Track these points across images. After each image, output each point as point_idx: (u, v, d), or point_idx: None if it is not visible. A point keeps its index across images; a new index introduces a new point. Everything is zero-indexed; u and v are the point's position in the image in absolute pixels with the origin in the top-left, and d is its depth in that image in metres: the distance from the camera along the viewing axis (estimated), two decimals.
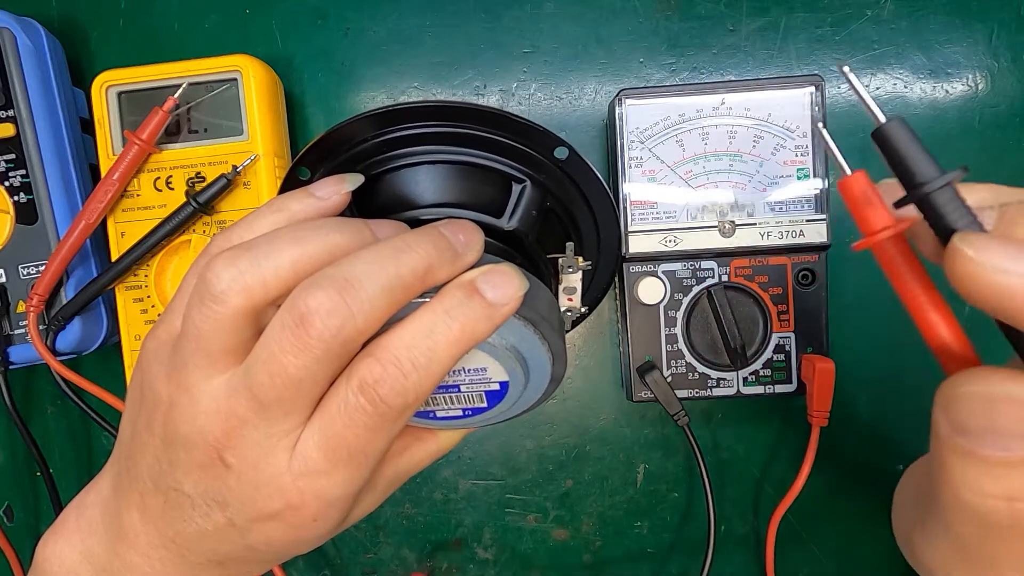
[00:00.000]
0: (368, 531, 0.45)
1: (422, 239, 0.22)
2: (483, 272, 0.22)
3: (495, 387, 0.25)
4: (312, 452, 0.21)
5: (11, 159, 0.39)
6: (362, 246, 0.22)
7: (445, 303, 0.21)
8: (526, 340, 0.24)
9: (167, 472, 0.23)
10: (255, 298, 0.21)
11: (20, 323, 0.39)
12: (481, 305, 0.22)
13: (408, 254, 0.21)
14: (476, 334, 0.22)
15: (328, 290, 0.20)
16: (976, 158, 0.41)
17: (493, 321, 0.22)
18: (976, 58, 0.41)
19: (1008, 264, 0.17)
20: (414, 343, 0.21)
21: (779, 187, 0.37)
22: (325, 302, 0.20)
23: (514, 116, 0.27)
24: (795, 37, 0.42)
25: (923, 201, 0.18)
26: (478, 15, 0.43)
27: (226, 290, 0.21)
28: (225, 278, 0.21)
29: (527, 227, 0.28)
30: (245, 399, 0.21)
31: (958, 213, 0.18)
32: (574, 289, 0.29)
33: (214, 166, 0.39)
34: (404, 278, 0.21)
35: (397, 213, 0.28)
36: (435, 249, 0.22)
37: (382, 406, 0.21)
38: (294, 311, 0.20)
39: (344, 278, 0.20)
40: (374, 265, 0.21)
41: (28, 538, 0.46)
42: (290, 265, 0.21)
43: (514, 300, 0.22)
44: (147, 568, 0.24)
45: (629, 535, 0.44)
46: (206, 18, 0.43)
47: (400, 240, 0.22)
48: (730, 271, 0.38)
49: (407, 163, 0.28)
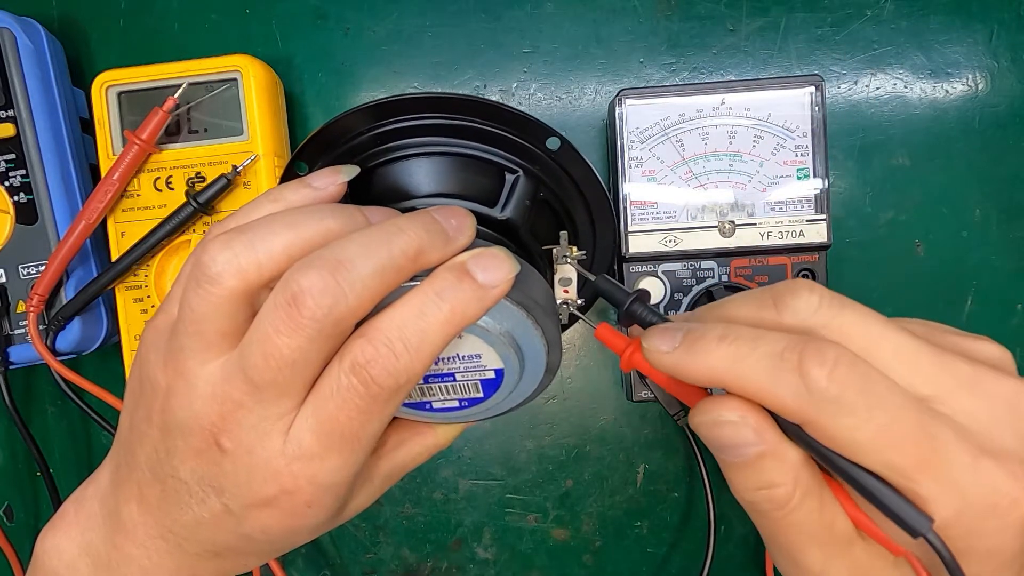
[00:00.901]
0: (368, 531, 0.45)
1: (414, 222, 0.22)
2: (474, 255, 0.22)
3: (490, 375, 0.25)
4: (305, 435, 0.22)
5: (11, 159, 0.39)
6: (355, 230, 0.22)
7: (436, 285, 0.22)
8: (520, 325, 0.24)
9: (164, 460, 0.23)
10: (250, 280, 0.21)
11: (20, 323, 0.39)
12: (472, 287, 0.22)
13: (400, 237, 0.21)
14: (467, 316, 0.22)
15: (320, 270, 0.20)
16: (976, 158, 0.41)
17: (484, 303, 0.22)
18: (976, 58, 0.41)
19: (662, 346, 0.22)
20: (405, 324, 0.21)
21: (779, 187, 0.37)
22: (317, 282, 0.20)
23: (506, 107, 0.27)
24: (795, 37, 0.42)
25: (626, 315, 0.25)
26: (478, 15, 0.43)
27: (221, 272, 0.21)
28: (220, 260, 0.21)
29: (520, 217, 0.29)
30: (240, 382, 0.21)
31: (650, 315, 0.24)
32: (569, 280, 0.29)
33: (214, 166, 0.39)
34: (396, 260, 0.21)
35: (392, 204, 0.28)
36: (426, 232, 0.22)
37: (374, 387, 0.21)
38: (287, 291, 0.20)
39: (336, 259, 0.20)
40: (366, 247, 0.21)
41: (28, 538, 0.46)
42: (284, 248, 0.21)
43: (505, 282, 0.22)
44: (145, 560, 0.24)
45: (629, 535, 0.44)
46: (206, 18, 0.43)
47: (392, 224, 0.22)
48: (730, 271, 0.38)
49: (401, 155, 0.29)
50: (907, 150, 0.42)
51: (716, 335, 0.21)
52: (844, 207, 0.42)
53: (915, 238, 0.42)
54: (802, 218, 0.37)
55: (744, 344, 0.20)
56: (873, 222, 0.42)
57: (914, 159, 0.42)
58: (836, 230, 0.37)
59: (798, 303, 0.21)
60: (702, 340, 0.21)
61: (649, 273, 0.38)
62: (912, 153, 0.42)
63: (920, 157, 0.42)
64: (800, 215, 0.37)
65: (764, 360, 0.20)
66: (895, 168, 0.42)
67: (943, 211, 0.42)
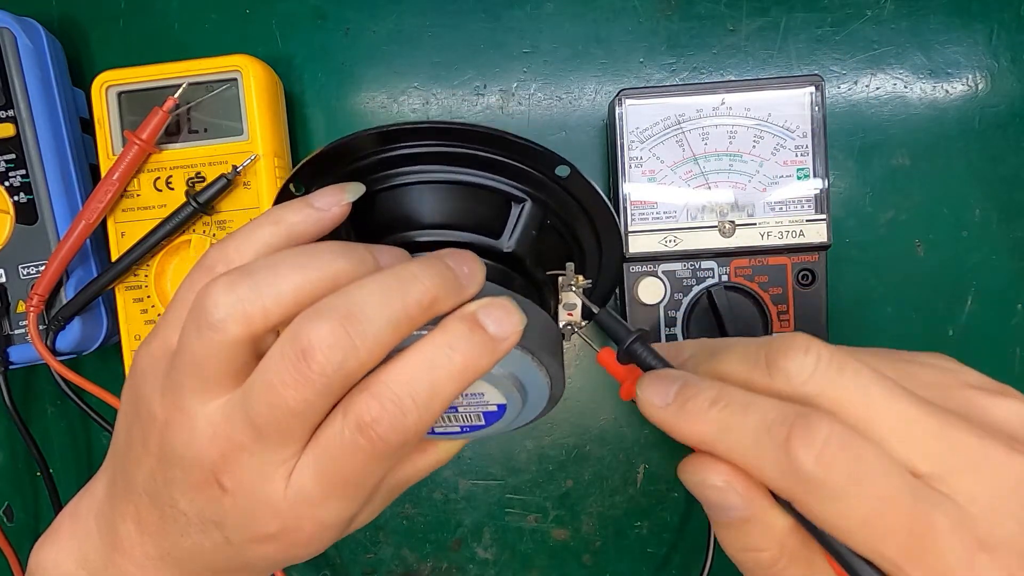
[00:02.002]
0: (368, 531, 0.45)
1: (428, 270, 0.21)
2: (484, 305, 0.22)
3: (493, 408, 0.25)
4: (308, 482, 0.21)
5: (11, 159, 0.39)
6: (365, 273, 0.21)
7: (448, 336, 0.21)
8: (525, 368, 0.24)
9: (163, 489, 0.23)
10: (255, 326, 0.20)
11: (20, 323, 0.39)
12: (483, 339, 0.21)
13: (414, 286, 0.21)
14: (478, 368, 0.21)
15: (331, 323, 0.19)
16: (976, 158, 0.41)
17: (495, 356, 0.21)
18: (976, 58, 0.41)
19: (655, 399, 0.22)
20: (415, 379, 0.20)
21: (779, 187, 0.37)
22: (328, 336, 0.19)
23: (515, 137, 0.26)
24: (795, 37, 0.42)
25: (625, 355, 0.25)
26: (478, 15, 0.43)
27: (224, 318, 0.20)
28: (223, 305, 0.20)
29: (526, 248, 0.28)
30: (243, 425, 0.21)
31: (649, 358, 0.24)
32: (574, 305, 0.29)
33: (214, 166, 0.39)
34: (410, 310, 0.21)
35: (393, 233, 0.27)
36: (441, 281, 0.21)
37: (380, 444, 0.20)
38: (296, 343, 0.20)
39: (348, 310, 0.20)
40: (379, 296, 0.20)
41: (28, 538, 0.46)
42: (292, 292, 0.21)
43: (515, 334, 0.22)
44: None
45: (629, 535, 0.44)
46: (206, 18, 0.43)
47: (405, 270, 0.21)
48: (730, 271, 0.38)
49: (404, 182, 0.28)
50: (907, 150, 0.42)
51: (708, 398, 0.21)
52: (844, 207, 0.42)
53: (915, 238, 0.42)
54: (802, 218, 0.37)
55: (734, 412, 0.20)
56: (873, 222, 0.42)
57: (914, 159, 0.42)
58: (836, 230, 0.37)
59: (791, 367, 0.20)
60: (694, 400, 0.21)
61: (649, 273, 0.38)
62: (912, 153, 0.42)
63: (920, 157, 0.42)
64: (800, 215, 0.37)
65: (752, 433, 0.19)
66: (895, 168, 0.42)
67: (943, 211, 0.42)
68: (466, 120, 0.40)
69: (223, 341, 0.20)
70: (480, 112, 0.43)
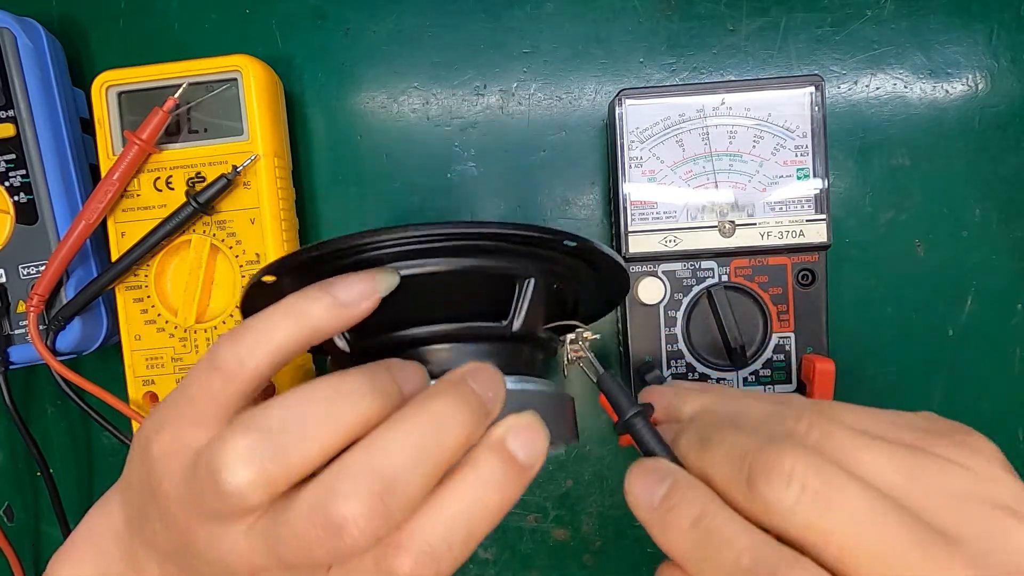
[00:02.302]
0: None
1: (460, 407, 0.20)
2: (512, 430, 0.21)
3: None
4: None
5: (11, 159, 0.38)
6: (392, 410, 0.20)
7: (481, 475, 0.20)
8: None
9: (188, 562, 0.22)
10: (277, 488, 0.19)
11: (20, 323, 0.39)
12: (516, 472, 0.21)
13: (448, 433, 0.20)
14: (513, 500, 0.21)
15: (364, 497, 0.18)
16: (976, 158, 0.41)
17: (526, 482, 0.21)
18: (976, 58, 0.41)
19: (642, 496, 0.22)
20: (451, 530, 0.20)
21: (779, 187, 0.37)
22: (363, 512, 0.18)
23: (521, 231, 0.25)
24: (795, 37, 0.42)
25: (623, 428, 0.25)
26: (478, 15, 0.43)
27: (245, 490, 0.19)
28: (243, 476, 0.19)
29: (532, 323, 0.27)
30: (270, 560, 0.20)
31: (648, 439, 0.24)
32: (580, 347, 0.29)
33: (214, 166, 0.38)
34: (445, 460, 0.20)
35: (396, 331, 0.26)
36: (472, 417, 0.20)
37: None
38: (328, 517, 0.18)
39: (382, 478, 0.19)
40: (414, 453, 0.19)
41: (28, 538, 0.46)
42: (319, 451, 0.19)
43: (543, 454, 0.21)
44: None
45: (629, 535, 0.44)
46: (206, 18, 0.43)
47: (440, 415, 0.20)
48: (730, 271, 0.38)
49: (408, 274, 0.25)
50: (907, 150, 0.42)
51: (690, 516, 0.20)
52: (844, 207, 0.42)
53: (915, 238, 0.42)
54: (802, 218, 0.37)
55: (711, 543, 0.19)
56: (873, 222, 0.42)
57: (914, 159, 0.42)
58: (836, 230, 0.37)
59: (770, 497, 0.19)
60: (676, 513, 0.21)
61: (649, 273, 0.38)
62: (912, 153, 0.42)
63: (920, 157, 0.42)
64: (800, 215, 0.37)
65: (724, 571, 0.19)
66: (895, 168, 0.42)
67: (943, 211, 0.42)
68: None
69: (243, 507, 0.20)
70: (480, 112, 0.43)
